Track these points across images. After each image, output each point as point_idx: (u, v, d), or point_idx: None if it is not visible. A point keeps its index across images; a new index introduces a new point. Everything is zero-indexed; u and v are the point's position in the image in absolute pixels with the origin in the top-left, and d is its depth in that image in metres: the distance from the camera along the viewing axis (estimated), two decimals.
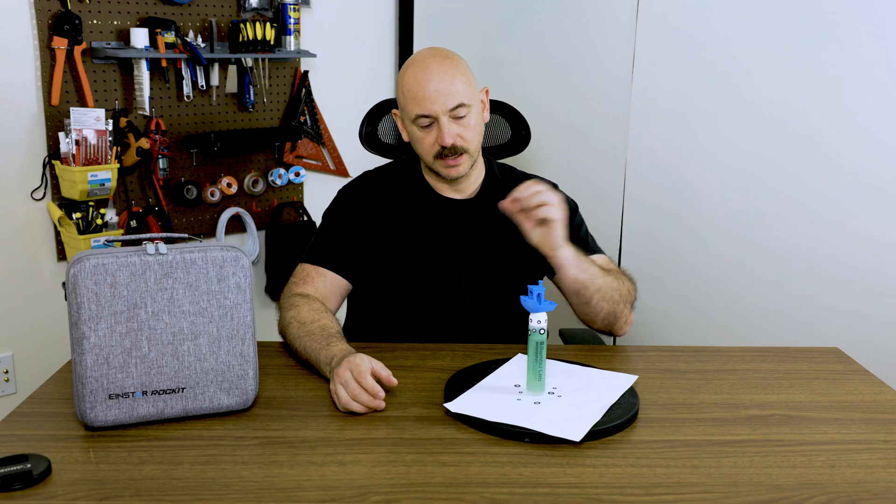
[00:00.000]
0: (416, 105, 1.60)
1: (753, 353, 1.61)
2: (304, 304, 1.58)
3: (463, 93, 1.59)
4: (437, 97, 1.57)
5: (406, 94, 1.62)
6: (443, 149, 1.60)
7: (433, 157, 1.63)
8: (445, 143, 1.59)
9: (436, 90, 1.57)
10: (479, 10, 2.78)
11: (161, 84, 2.48)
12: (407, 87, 1.61)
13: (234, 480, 1.10)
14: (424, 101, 1.58)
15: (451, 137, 1.59)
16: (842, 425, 1.31)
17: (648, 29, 2.39)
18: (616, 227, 2.52)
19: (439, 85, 1.58)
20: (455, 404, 1.30)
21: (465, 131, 1.61)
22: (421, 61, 1.62)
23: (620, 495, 1.08)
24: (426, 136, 1.62)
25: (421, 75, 1.59)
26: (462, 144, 1.61)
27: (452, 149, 1.60)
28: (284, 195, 2.87)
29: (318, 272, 1.67)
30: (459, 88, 1.59)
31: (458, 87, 1.59)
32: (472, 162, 1.66)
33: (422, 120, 1.60)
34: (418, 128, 1.62)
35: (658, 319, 2.49)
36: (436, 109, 1.58)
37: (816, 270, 2.22)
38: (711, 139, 2.34)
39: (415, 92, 1.59)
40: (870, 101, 2.09)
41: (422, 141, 1.63)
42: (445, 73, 1.59)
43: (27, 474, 1.07)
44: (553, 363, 1.46)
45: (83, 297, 1.18)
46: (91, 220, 2.31)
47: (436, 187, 1.73)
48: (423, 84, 1.58)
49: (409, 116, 1.63)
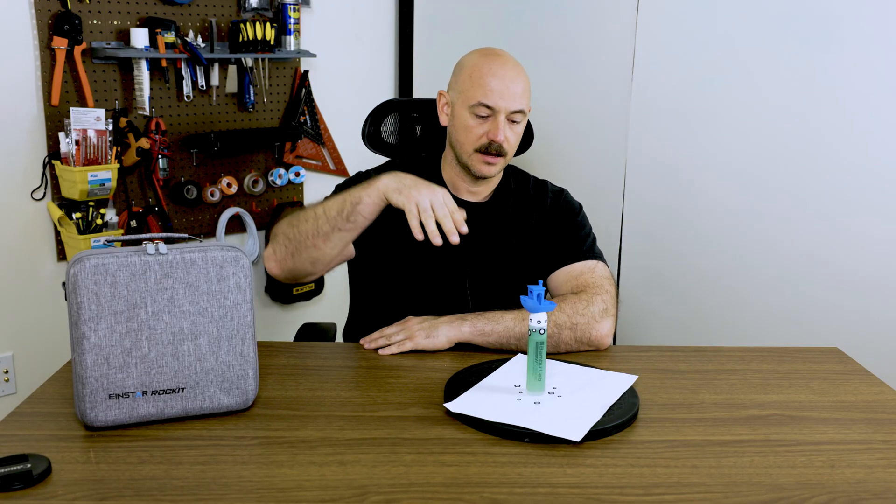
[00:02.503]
0: (482, 92, 1.60)
1: (753, 353, 1.61)
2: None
3: (525, 101, 1.63)
4: (507, 94, 1.60)
5: (474, 79, 1.62)
6: (489, 143, 1.61)
7: (475, 149, 1.63)
8: (498, 139, 1.60)
9: (507, 87, 1.60)
10: (479, 10, 2.78)
11: (161, 84, 2.48)
12: (478, 72, 1.62)
13: (234, 480, 1.10)
14: (493, 93, 1.60)
15: (503, 136, 1.61)
16: (842, 425, 1.30)
17: (648, 29, 2.39)
18: (616, 227, 2.52)
19: (511, 84, 1.60)
20: (455, 404, 1.30)
21: (513, 136, 1.64)
22: (499, 56, 1.65)
23: (620, 495, 1.08)
24: (478, 126, 1.62)
25: (498, 68, 1.61)
26: (507, 147, 1.63)
27: (498, 147, 1.62)
28: (284, 195, 2.87)
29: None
30: (525, 95, 1.63)
31: (524, 94, 1.63)
32: (503, 168, 1.69)
33: (482, 109, 1.61)
34: (472, 115, 1.62)
35: (658, 319, 2.49)
36: (501, 104, 1.60)
37: (816, 270, 2.22)
38: (711, 139, 2.34)
39: (486, 80, 1.60)
40: (870, 101, 2.09)
41: (471, 129, 1.63)
42: (519, 76, 1.63)
43: (27, 474, 1.07)
44: (553, 363, 1.46)
45: (83, 297, 1.18)
46: (91, 220, 2.31)
47: (454, 187, 1.73)
48: (499, 76, 1.60)
49: (467, 101, 1.62)
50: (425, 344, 1.53)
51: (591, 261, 1.69)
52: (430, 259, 1.68)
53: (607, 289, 1.62)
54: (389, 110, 1.91)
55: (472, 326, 1.55)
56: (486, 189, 1.74)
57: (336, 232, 1.51)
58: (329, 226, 1.51)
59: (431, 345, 1.53)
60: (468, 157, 1.65)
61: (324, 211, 1.51)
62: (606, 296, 1.60)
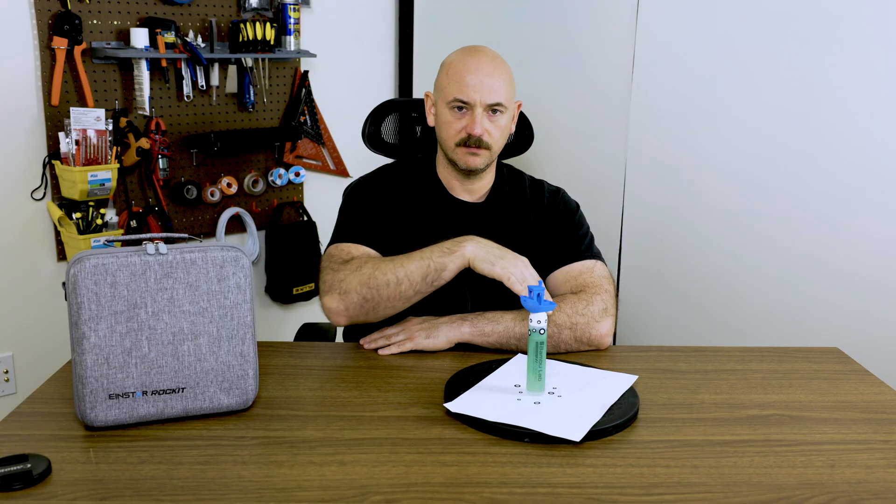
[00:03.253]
0: (457, 88, 1.62)
1: (753, 353, 1.61)
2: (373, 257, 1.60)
3: (504, 94, 1.63)
4: (481, 88, 1.61)
5: (450, 76, 1.64)
6: (468, 137, 1.62)
7: (456, 143, 1.64)
8: (475, 133, 1.61)
9: (481, 81, 1.61)
10: (479, 10, 2.78)
11: (161, 84, 2.48)
12: (453, 70, 1.64)
13: (234, 480, 1.10)
14: (467, 88, 1.61)
15: (481, 129, 1.62)
16: (842, 425, 1.30)
17: (648, 29, 2.39)
18: (616, 227, 2.52)
19: (486, 78, 1.61)
20: (455, 404, 1.30)
21: (494, 129, 1.64)
22: (474, 52, 1.66)
23: (620, 495, 1.08)
24: (456, 121, 1.64)
25: (472, 63, 1.63)
26: (488, 140, 1.63)
27: (478, 140, 1.62)
28: (284, 195, 2.88)
29: (356, 248, 1.65)
30: (502, 88, 1.63)
31: (501, 87, 1.63)
32: (490, 161, 1.68)
33: (458, 104, 1.63)
34: (450, 110, 1.64)
35: (658, 319, 2.49)
36: (476, 98, 1.61)
37: (816, 270, 2.22)
38: (711, 139, 2.34)
39: (461, 76, 1.62)
40: (870, 102, 2.09)
41: (450, 125, 1.65)
42: (494, 69, 1.63)
43: (27, 474, 1.07)
44: (553, 363, 1.46)
45: (83, 297, 1.18)
46: (91, 220, 2.31)
47: (449, 187, 1.73)
48: (472, 71, 1.62)
49: (445, 98, 1.65)
50: (425, 344, 1.53)
51: (590, 260, 1.69)
52: None
53: (606, 288, 1.62)
54: (389, 110, 1.91)
55: (472, 327, 1.55)
56: (481, 188, 1.74)
57: (418, 295, 1.55)
58: (413, 290, 1.54)
59: (431, 345, 1.53)
60: (452, 153, 1.67)
61: (406, 276, 1.52)
62: (606, 295, 1.61)
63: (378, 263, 1.56)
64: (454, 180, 1.73)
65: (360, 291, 1.54)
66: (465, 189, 1.73)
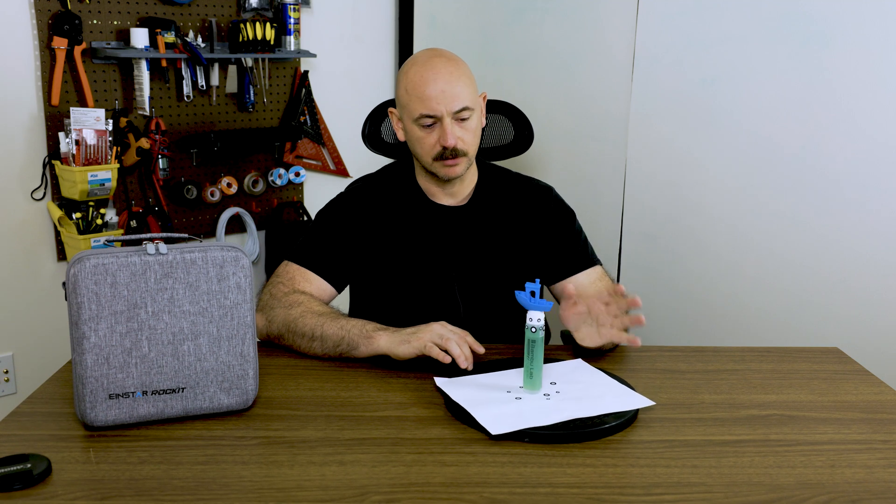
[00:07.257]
0: (420, 104, 1.59)
1: (753, 353, 1.61)
2: (310, 300, 1.59)
3: (467, 96, 1.60)
4: (444, 98, 1.57)
5: (410, 93, 1.60)
6: (444, 150, 1.60)
7: (432, 158, 1.62)
8: (448, 144, 1.58)
9: (442, 91, 1.57)
10: (479, 10, 2.78)
11: (161, 84, 2.48)
12: (411, 85, 1.60)
13: (234, 480, 1.10)
14: (430, 101, 1.58)
15: (454, 139, 1.58)
16: (842, 425, 1.31)
17: (648, 29, 2.39)
18: (616, 227, 2.52)
19: (445, 86, 1.57)
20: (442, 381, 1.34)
21: (466, 134, 1.61)
22: (426, 61, 1.61)
23: (620, 495, 1.08)
24: (427, 136, 1.61)
25: (428, 74, 1.59)
26: (462, 147, 1.61)
27: (453, 151, 1.60)
28: (284, 195, 2.87)
29: (304, 276, 1.65)
30: (465, 91, 1.59)
31: (463, 90, 1.59)
32: (469, 164, 1.66)
33: (425, 119, 1.59)
34: (420, 127, 1.61)
35: (658, 319, 2.49)
36: (441, 110, 1.58)
37: (816, 271, 2.22)
38: (711, 140, 2.34)
39: (420, 91, 1.58)
40: (870, 103, 2.09)
41: (423, 141, 1.62)
42: (452, 75, 1.59)
43: (27, 474, 1.07)
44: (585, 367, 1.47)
45: (83, 297, 1.18)
46: (91, 220, 2.31)
47: (429, 193, 1.72)
48: (430, 83, 1.58)
49: (410, 115, 1.62)
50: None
51: (598, 266, 1.73)
52: (417, 267, 1.68)
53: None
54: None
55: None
56: (462, 190, 1.72)
57: (327, 356, 1.53)
58: (321, 351, 1.53)
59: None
60: (430, 167, 1.65)
61: (321, 336, 1.51)
62: None
63: (305, 312, 1.54)
64: (433, 187, 1.71)
65: (280, 328, 1.56)
66: (446, 193, 1.72)
